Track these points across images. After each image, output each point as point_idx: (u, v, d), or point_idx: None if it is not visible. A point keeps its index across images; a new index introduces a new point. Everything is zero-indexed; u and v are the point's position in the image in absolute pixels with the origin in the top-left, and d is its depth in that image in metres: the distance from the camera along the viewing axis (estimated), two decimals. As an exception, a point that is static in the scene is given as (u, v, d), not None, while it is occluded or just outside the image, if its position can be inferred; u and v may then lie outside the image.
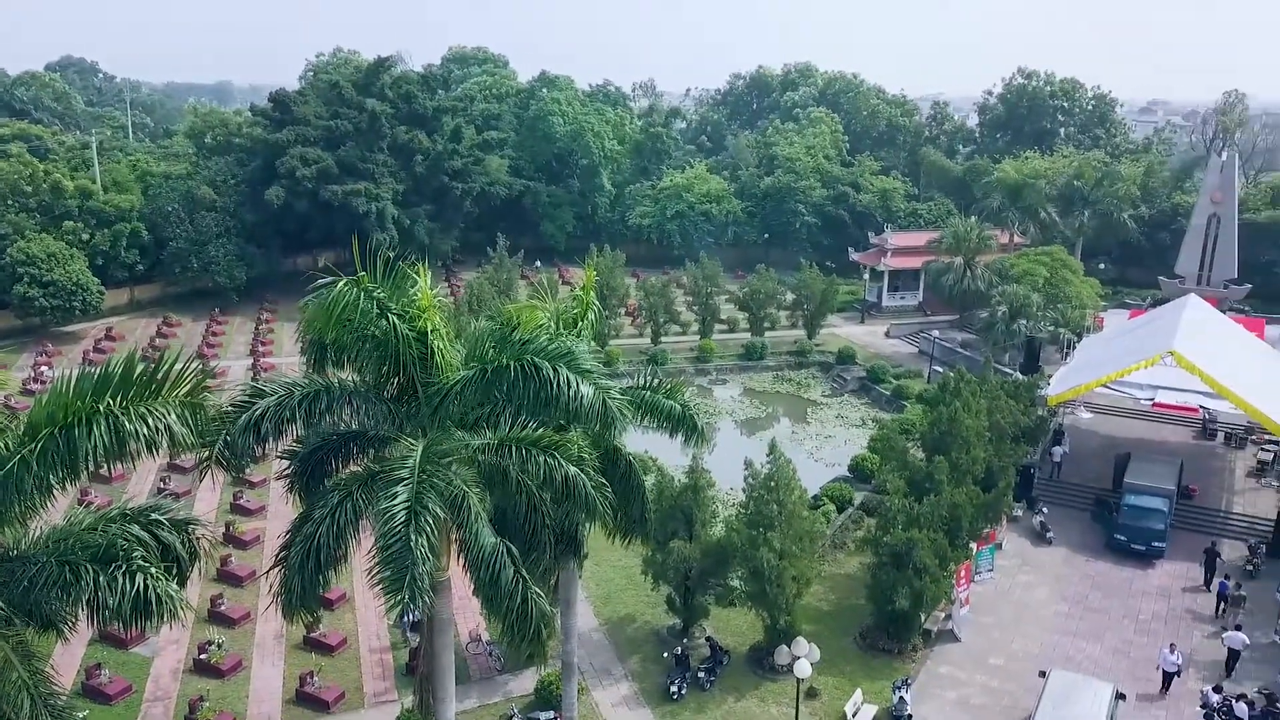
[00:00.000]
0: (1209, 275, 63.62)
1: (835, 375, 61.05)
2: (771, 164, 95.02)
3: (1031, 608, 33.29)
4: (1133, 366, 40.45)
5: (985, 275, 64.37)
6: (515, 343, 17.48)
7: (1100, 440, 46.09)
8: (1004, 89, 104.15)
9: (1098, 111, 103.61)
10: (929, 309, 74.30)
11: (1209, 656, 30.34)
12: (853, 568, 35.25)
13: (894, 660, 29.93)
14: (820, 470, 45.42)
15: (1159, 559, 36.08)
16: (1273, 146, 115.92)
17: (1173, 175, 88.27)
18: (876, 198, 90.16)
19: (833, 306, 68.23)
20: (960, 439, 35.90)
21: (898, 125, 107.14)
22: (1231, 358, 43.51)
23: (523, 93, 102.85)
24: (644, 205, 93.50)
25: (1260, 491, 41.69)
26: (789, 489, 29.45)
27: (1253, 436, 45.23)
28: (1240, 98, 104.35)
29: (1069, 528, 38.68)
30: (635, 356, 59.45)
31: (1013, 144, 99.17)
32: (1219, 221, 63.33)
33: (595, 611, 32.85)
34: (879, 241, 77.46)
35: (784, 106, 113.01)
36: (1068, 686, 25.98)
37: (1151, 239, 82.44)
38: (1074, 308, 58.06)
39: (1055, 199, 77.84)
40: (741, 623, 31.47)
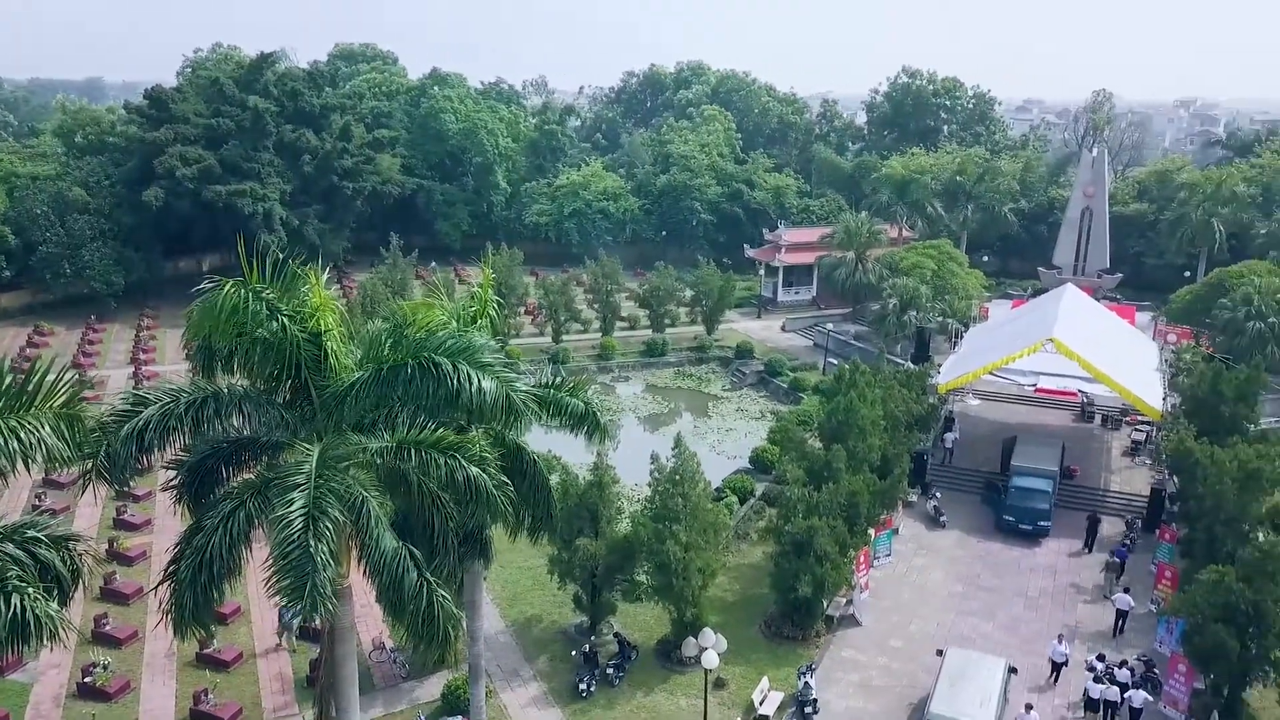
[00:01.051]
0: (1084, 265, 66.82)
1: (735, 370, 61.86)
2: (667, 162, 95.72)
3: (928, 589, 34.34)
4: (1016, 354, 42.20)
5: (876, 269, 66.16)
6: (412, 341, 17.10)
7: (988, 425, 47.87)
8: (890, 88, 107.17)
9: (978, 110, 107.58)
10: (823, 303, 75.96)
11: (1093, 627, 31.82)
12: (756, 557, 35.77)
13: (798, 647, 30.48)
14: (722, 463, 45.94)
15: (1045, 537, 37.69)
16: (1138, 143, 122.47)
17: (1049, 171, 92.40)
18: (770, 195, 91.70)
19: (730, 302, 69.10)
20: (856, 428, 36.72)
21: (789, 123, 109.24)
22: (1106, 344, 45.82)
23: (413, 90, 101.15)
24: (540, 203, 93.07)
25: (1135, 469, 43.94)
26: (693, 482, 29.67)
27: (1127, 418, 47.59)
28: (1108, 97, 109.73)
29: (961, 511, 40.06)
30: (536, 355, 59.09)
31: (899, 141, 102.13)
32: (1091, 214, 66.58)
33: (501, 613, 32.52)
34: (773, 238, 78.79)
35: (678, 104, 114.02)
36: (963, 664, 26.87)
37: (1030, 232, 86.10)
38: (960, 299, 60.24)
39: (940, 194, 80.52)
40: (648, 617, 31.59)
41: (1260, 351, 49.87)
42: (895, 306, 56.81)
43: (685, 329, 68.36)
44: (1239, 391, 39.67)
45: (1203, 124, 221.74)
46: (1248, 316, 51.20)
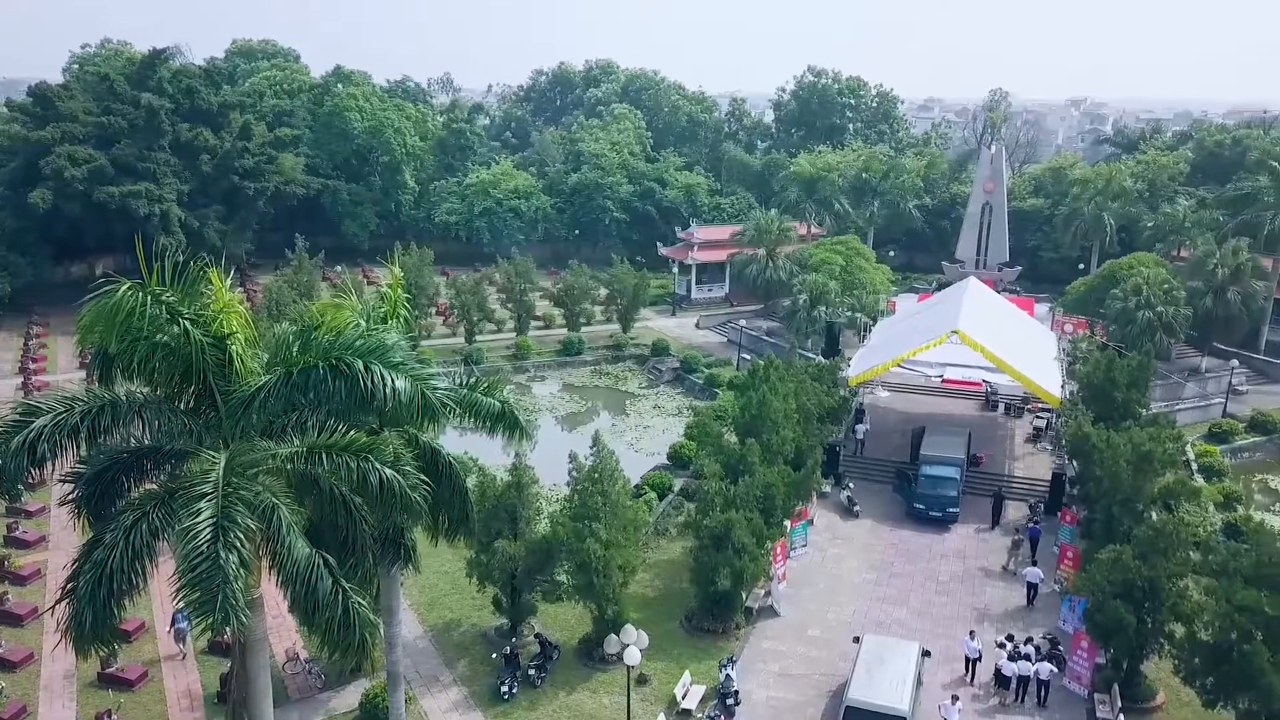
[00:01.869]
0: (985, 259, 69.00)
1: (651, 367, 62.08)
2: (578, 160, 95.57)
3: (843, 578, 35.00)
4: (923, 346, 43.24)
5: (786, 265, 67.15)
6: (322, 342, 16.66)
7: (897, 416, 49.03)
8: (796, 86, 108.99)
9: (881, 108, 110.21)
10: (736, 300, 76.80)
11: (1001, 608, 32.86)
12: (676, 553, 35.96)
13: (719, 640, 30.74)
14: (641, 460, 46.07)
15: (954, 523, 38.78)
16: (1033, 140, 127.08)
17: (950, 168, 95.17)
18: (681, 193, 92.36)
19: (645, 300, 69.37)
20: (770, 422, 37.20)
21: (699, 121, 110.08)
22: (1008, 334, 47.32)
23: (316, 88, 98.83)
24: (450, 202, 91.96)
25: (1037, 455, 45.54)
26: (612, 480, 29.69)
27: (1029, 406, 49.30)
28: (1004, 96, 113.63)
29: (873, 500, 40.94)
30: (449, 357, 58.26)
31: (806, 139, 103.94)
32: (991, 210, 68.79)
33: (420, 618, 32.00)
34: (686, 236, 79.37)
35: (588, 103, 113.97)
36: (879, 649, 27.47)
37: (934, 227, 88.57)
38: (868, 293, 61.62)
39: (847, 191, 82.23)
40: (570, 616, 31.48)
41: (1150, 339, 52.29)
42: (806, 302, 57.75)
43: (601, 327, 68.34)
44: (1131, 378, 41.43)
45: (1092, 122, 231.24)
46: (1138, 306, 53.58)
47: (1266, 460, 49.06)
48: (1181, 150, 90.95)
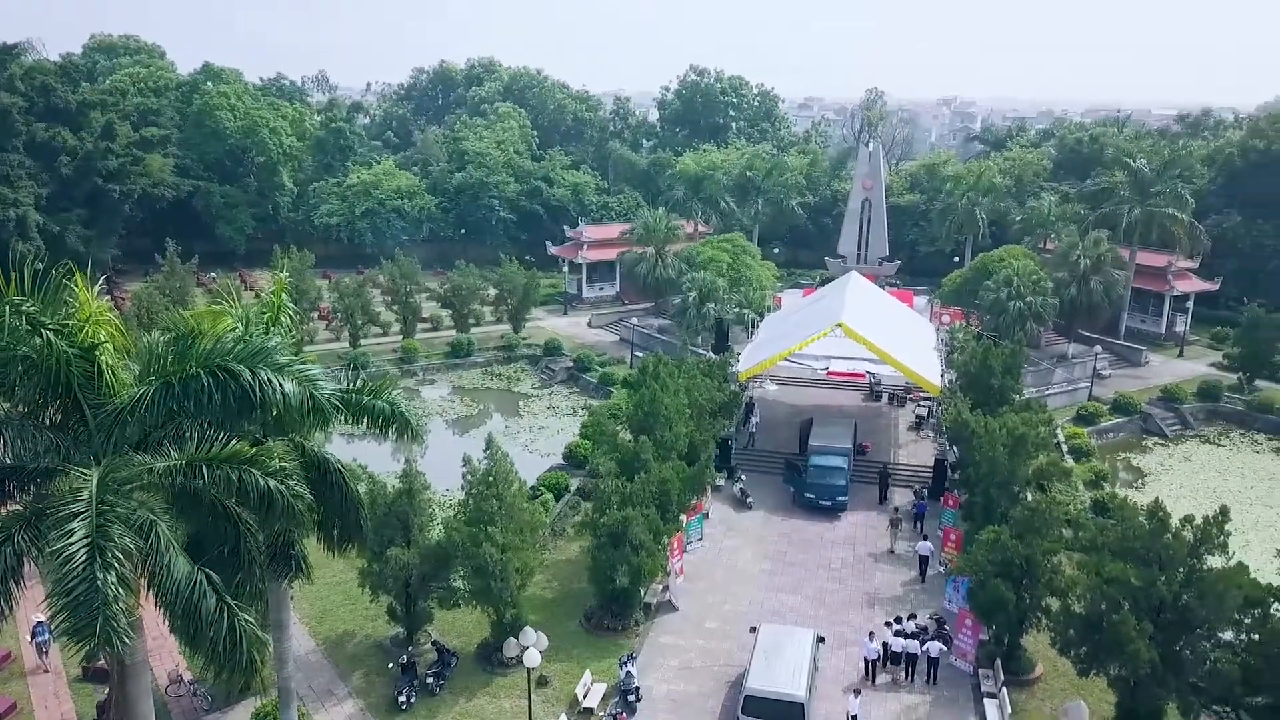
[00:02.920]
0: (866, 254, 71.05)
1: (544, 367, 61.77)
2: (462, 159, 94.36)
3: (739, 569, 35.53)
4: (809, 340, 44.32)
5: (675, 263, 67.78)
6: (202, 350, 15.97)
7: (786, 409, 50.07)
8: (680, 85, 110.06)
9: (763, 107, 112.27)
10: (626, 298, 77.09)
11: (890, 592, 33.92)
12: (573, 552, 35.87)
13: (619, 637, 30.80)
14: (536, 461, 45.80)
15: (843, 511, 39.81)
16: (908, 138, 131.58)
17: (831, 165, 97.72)
18: (569, 192, 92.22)
19: (536, 300, 68.98)
20: (663, 418, 37.47)
21: (584, 120, 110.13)
22: (889, 327, 48.88)
23: (184, 86, 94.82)
24: (331, 204, 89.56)
25: (919, 443, 47.16)
26: (507, 483, 29.42)
27: (910, 395, 51.00)
28: (880, 95, 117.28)
29: (766, 491, 41.68)
30: (334, 362, 56.64)
31: (691, 138, 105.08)
32: (871, 206, 70.86)
33: (311, 632, 31.06)
34: (575, 235, 79.27)
35: (471, 102, 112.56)
36: (776, 637, 27.98)
37: (817, 223, 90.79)
38: (755, 290, 62.71)
39: (732, 189, 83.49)
40: (467, 622, 31.05)
41: (1021, 328, 54.81)
42: (695, 300, 58.41)
43: (491, 328, 67.62)
44: (1005, 365, 43.29)
45: (963, 121, 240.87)
46: (1009, 297, 56.04)
47: (1129, 439, 52.03)
48: (1045, 148, 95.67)
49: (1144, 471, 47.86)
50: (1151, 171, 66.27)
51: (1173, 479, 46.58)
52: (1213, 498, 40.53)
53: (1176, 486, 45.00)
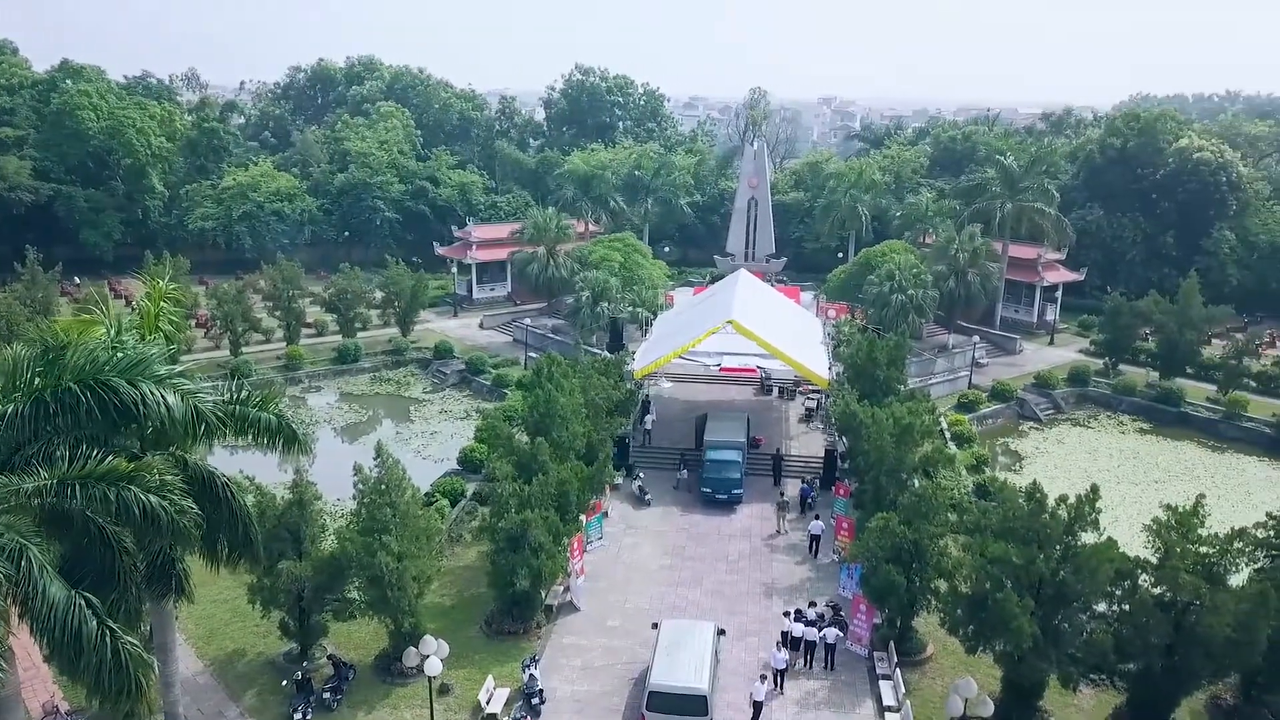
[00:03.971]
0: (753, 251, 72.39)
1: (435, 370, 60.78)
2: (344, 160, 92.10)
3: (639, 566, 35.69)
4: (701, 337, 44.87)
5: (567, 263, 67.62)
6: (73, 362, 15.12)
7: (681, 405, 50.53)
8: (565, 85, 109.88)
9: (649, 106, 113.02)
10: (518, 298, 76.51)
11: (788, 581, 34.59)
12: (472, 558, 35.41)
13: (521, 640, 30.56)
14: (430, 467, 45.04)
15: (739, 504, 40.42)
16: (791, 136, 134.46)
17: (717, 164, 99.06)
18: (456, 191, 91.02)
19: (424, 302, 67.81)
20: (560, 419, 37.32)
21: (470, 119, 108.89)
22: (778, 322, 49.86)
23: (41, 84, 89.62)
24: (206, 207, 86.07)
25: (810, 434, 48.24)
26: (400, 490, 28.80)
27: (800, 388, 52.11)
28: (763, 94, 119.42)
29: (663, 488, 41.98)
30: (214, 371, 54.52)
31: (578, 137, 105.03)
32: (757, 204, 72.22)
33: (198, 653, 29.81)
34: (463, 235, 78.27)
35: (351, 101, 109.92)
36: (677, 632, 28.20)
37: (705, 222, 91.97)
38: (647, 288, 63.06)
39: (621, 188, 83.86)
40: (365, 633, 30.31)
41: (904, 321, 56.58)
42: (588, 299, 58.40)
43: (378, 332, 66.13)
44: (890, 357, 44.60)
45: (843, 120, 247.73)
46: (891, 290, 57.80)
47: (1006, 425, 54.40)
48: (921, 145, 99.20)
49: (1021, 455, 50.11)
50: (1020, 168, 69.41)
51: (1048, 461, 48.92)
52: (1084, 477, 42.64)
53: (1051, 468, 47.26)
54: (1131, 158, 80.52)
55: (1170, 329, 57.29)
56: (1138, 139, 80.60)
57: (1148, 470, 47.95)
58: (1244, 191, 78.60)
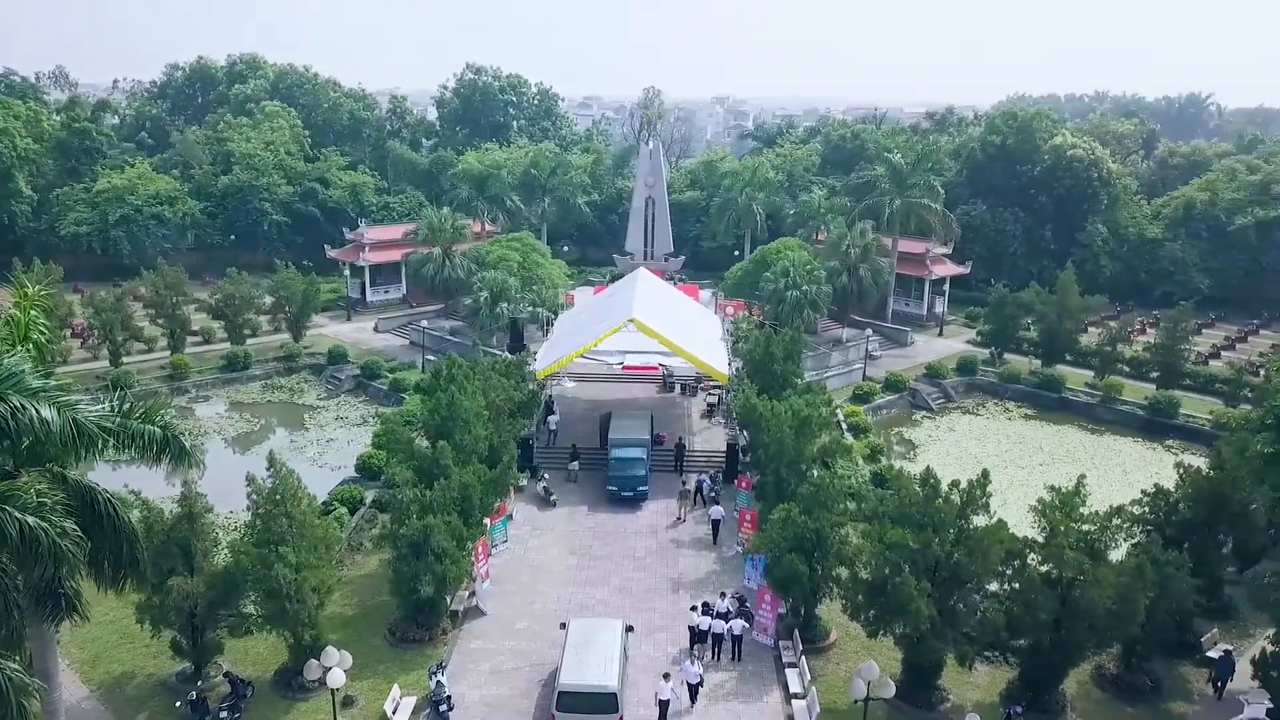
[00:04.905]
0: (652, 250, 72.81)
1: (329, 376, 59.26)
2: (228, 161, 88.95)
3: (546, 567, 35.51)
4: (603, 335, 44.90)
5: (464, 264, 66.81)
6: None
7: (585, 405, 50.47)
8: (458, 84, 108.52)
9: (543, 105, 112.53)
10: (414, 300, 75.21)
11: (694, 575, 34.90)
12: (373, 566, 34.67)
13: (426, 648, 30.07)
14: (327, 475, 43.95)
15: (645, 501, 40.59)
16: (686, 136, 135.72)
17: (614, 163, 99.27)
18: (347, 193, 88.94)
19: (316, 306, 66.09)
20: (461, 422, 36.84)
21: (361, 119, 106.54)
22: (678, 320, 50.26)
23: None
24: (79, 211, 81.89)
25: (712, 429, 48.76)
26: (296, 500, 28.01)
27: (701, 384, 52.61)
28: (657, 94, 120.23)
29: (568, 488, 41.86)
30: (93, 383, 51.89)
31: (472, 136, 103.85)
32: (654, 203, 72.66)
33: (83, 677, 28.40)
34: (355, 237, 76.56)
35: (234, 100, 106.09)
36: (585, 632, 28.14)
37: (604, 221, 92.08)
38: (547, 288, 62.78)
39: (517, 188, 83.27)
40: (263, 648, 29.36)
41: (799, 316, 57.76)
42: (486, 299, 57.80)
43: (269, 338, 64.09)
44: (786, 352, 45.45)
45: (735, 119, 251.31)
46: (787, 287, 58.89)
47: (900, 414, 56.05)
48: (812, 144, 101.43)
49: (915, 443, 51.70)
50: (907, 166, 71.55)
51: (940, 448, 50.59)
52: (974, 463, 44.23)
53: (943, 455, 48.87)
54: (1011, 155, 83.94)
55: (1050, 318, 59.94)
56: (1016, 137, 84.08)
57: (1033, 454, 50.07)
58: (1114, 187, 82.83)
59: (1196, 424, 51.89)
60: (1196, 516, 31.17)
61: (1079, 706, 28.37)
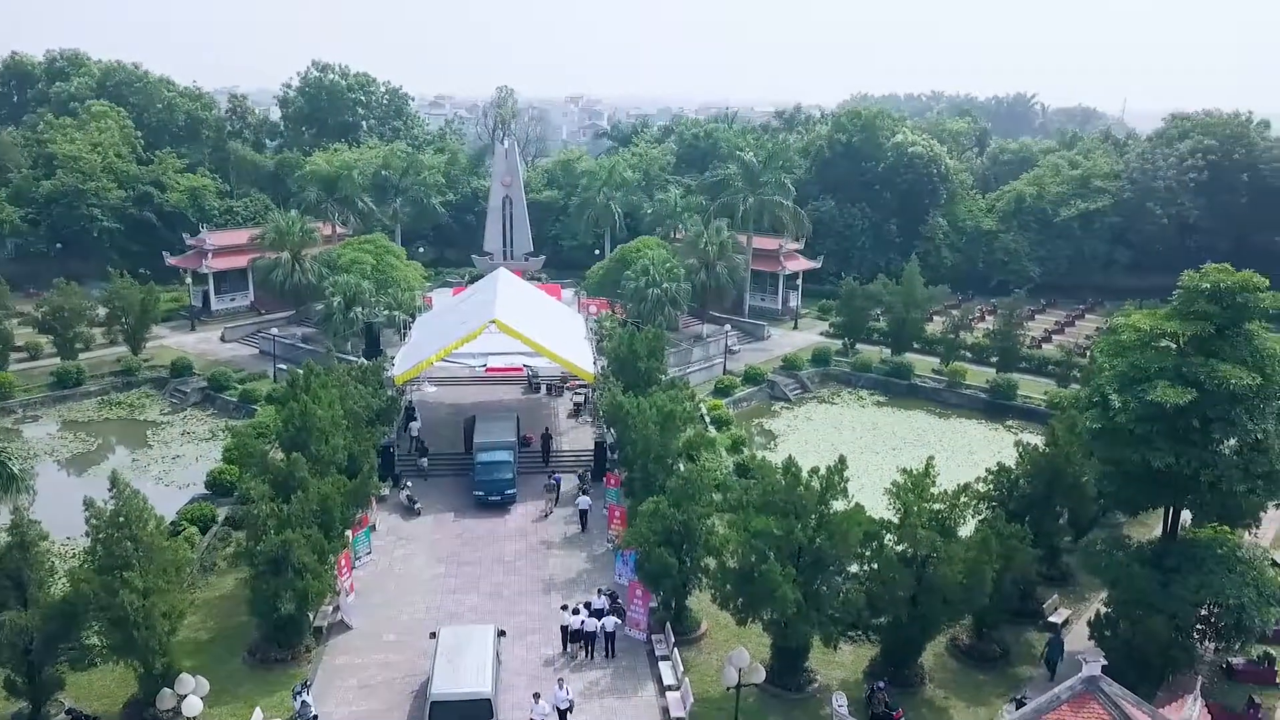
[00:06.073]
0: (512, 250, 72.20)
1: (173, 390, 56.24)
2: (50, 165, 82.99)
3: (413, 577, 34.74)
4: (465, 338, 44.23)
5: (315, 268, 64.63)
6: None
7: (448, 409, 49.62)
8: (302, 82, 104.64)
9: (393, 105, 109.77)
10: (263, 307, 72.18)
11: (565, 575, 34.82)
12: (229, 586, 33.20)
13: (290, 667, 28.98)
14: (175, 494, 41.85)
15: (513, 504, 40.23)
16: (541, 135, 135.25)
17: (469, 163, 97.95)
18: (186, 197, 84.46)
19: (157, 317, 62.68)
20: (317, 432, 35.60)
21: (199, 119, 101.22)
22: (542, 320, 50.05)
23: None
24: (-120, 220, 75.01)
25: (579, 428, 48.77)
26: (142, 521, 26.47)
27: (567, 384, 52.52)
28: (510, 93, 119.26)
29: (434, 495, 41.07)
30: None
31: (319, 137, 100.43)
32: (512, 203, 72.07)
33: (-98, 729, 26.09)
34: (197, 243, 72.89)
35: (56, 99, 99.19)
36: (457, 638, 27.71)
37: (460, 221, 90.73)
38: (404, 290, 61.31)
39: (369, 189, 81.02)
40: (109, 681, 27.68)
41: (661, 313, 58.53)
42: (340, 304, 56.08)
43: (104, 351, 60.26)
44: (649, 349, 45.86)
45: (590, 118, 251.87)
46: (647, 284, 59.49)
47: (760, 406, 57.47)
48: (667, 143, 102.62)
49: (775, 433, 53.11)
50: (759, 164, 73.38)
51: (799, 437, 52.13)
52: (832, 450, 45.67)
53: (803, 443, 50.36)
54: (856, 152, 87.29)
55: (898, 309, 62.66)
56: (861, 135, 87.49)
57: (886, 439, 52.22)
58: (951, 182, 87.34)
59: (1033, 404, 55.25)
60: (1035, 491, 33.21)
61: (936, 677, 29.79)
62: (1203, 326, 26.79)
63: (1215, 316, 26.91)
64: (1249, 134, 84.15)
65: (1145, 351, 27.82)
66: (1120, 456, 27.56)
